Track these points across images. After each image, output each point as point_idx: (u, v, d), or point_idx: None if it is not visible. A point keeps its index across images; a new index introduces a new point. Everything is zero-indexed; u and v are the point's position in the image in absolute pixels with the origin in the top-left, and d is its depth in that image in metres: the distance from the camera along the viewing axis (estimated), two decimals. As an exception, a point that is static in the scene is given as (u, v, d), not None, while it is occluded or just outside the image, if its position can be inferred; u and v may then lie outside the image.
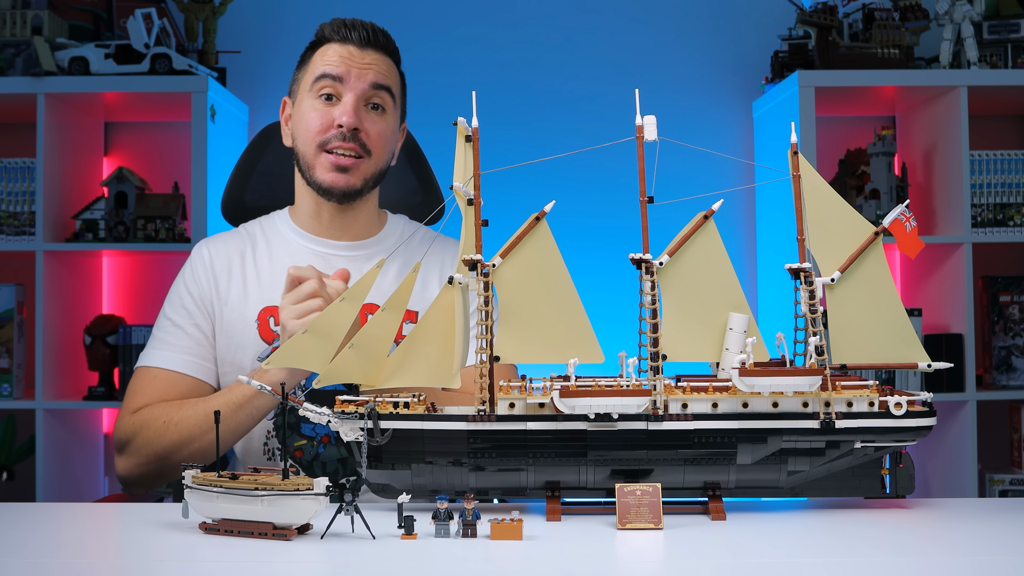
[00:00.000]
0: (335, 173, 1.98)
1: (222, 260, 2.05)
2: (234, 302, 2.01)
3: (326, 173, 1.98)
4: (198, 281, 2.03)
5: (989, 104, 3.18)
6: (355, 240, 2.07)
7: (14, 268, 3.15)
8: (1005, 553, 1.40)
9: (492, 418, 1.55)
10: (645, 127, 1.57)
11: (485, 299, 1.55)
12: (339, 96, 1.99)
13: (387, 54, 2.04)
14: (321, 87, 1.99)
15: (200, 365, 1.99)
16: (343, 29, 2.01)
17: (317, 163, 1.99)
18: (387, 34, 2.05)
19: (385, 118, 2.02)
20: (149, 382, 1.97)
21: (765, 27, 3.36)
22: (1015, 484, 3.07)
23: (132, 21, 2.96)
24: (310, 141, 1.99)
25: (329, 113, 1.98)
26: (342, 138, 1.97)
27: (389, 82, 2.02)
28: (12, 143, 3.21)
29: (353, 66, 1.98)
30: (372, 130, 2.00)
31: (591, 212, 3.30)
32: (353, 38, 2.00)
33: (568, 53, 3.41)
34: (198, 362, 1.99)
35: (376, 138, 2.00)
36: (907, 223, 1.62)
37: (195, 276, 2.04)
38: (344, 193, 1.99)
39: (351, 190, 2.00)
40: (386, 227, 2.12)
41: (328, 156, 1.98)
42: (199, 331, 2.00)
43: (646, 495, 1.49)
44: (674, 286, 1.58)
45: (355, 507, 1.41)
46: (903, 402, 1.57)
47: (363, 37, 2.01)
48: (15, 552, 1.41)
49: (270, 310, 1.99)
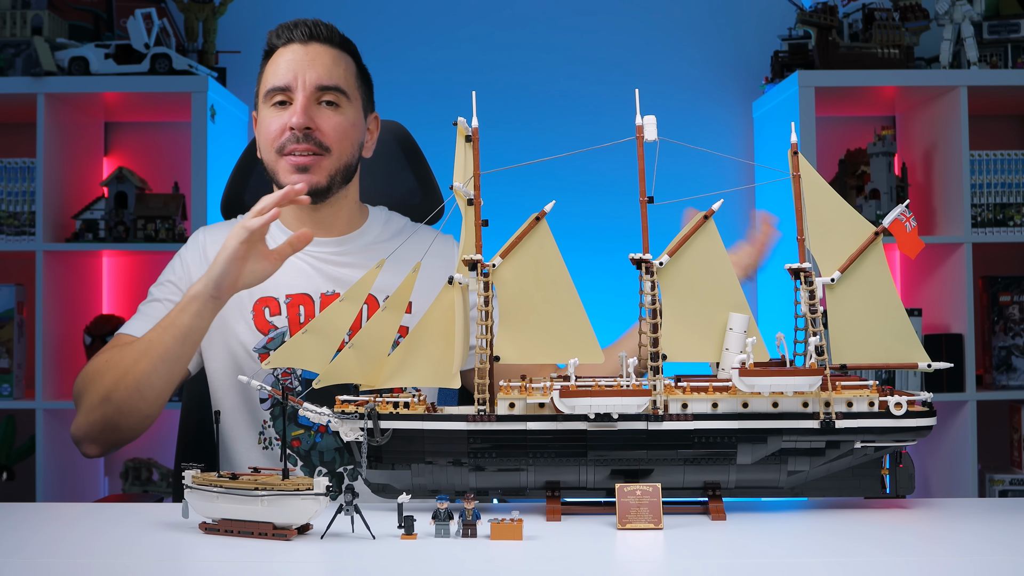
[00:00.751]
0: (297, 174, 1.97)
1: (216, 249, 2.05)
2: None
3: (288, 176, 1.98)
4: (186, 264, 2.05)
5: (989, 104, 3.18)
6: (340, 235, 2.08)
7: (14, 268, 3.15)
8: (1005, 553, 1.40)
9: (492, 418, 1.55)
10: (645, 127, 1.57)
11: (485, 299, 1.55)
12: (291, 101, 1.99)
13: (333, 46, 2.02)
14: (273, 97, 1.99)
15: None
16: (285, 31, 2.01)
17: (279, 168, 1.99)
18: (331, 26, 2.04)
19: (341, 112, 2.00)
20: (114, 343, 1.96)
21: (765, 27, 3.36)
22: (1015, 484, 3.07)
23: (132, 21, 2.96)
24: (269, 148, 2.00)
25: (281, 117, 1.98)
26: (296, 140, 1.96)
27: (336, 77, 2.00)
28: (12, 143, 3.21)
29: (299, 68, 1.98)
30: (326, 125, 1.98)
31: (591, 212, 3.30)
32: (296, 36, 2.00)
33: (568, 53, 3.41)
34: None
35: (332, 132, 1.98)
36: (907, 223, 1.62)
37: (185, 259, 2.06)
38: (312, 192, 1.98)
39: (318, 188, 1.99)
40: (368, 220, 2.13)
41: (287, 159, 1.98)
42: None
43: (646, 495, 1.49)
44: (674, 286, 1.58)
45: (355, 507, 1.41)
46: (903, 402, 1.57)
47: (305, 33, 2.00)
48: (15, 552, 1.41)
49: (265, 300, 2.00)
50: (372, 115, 2.12)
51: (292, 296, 2.00)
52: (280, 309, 2.00)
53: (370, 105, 2.11)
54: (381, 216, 2.15)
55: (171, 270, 2.06)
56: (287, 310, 2.00)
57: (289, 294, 2.00)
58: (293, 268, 2.02)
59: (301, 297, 2.00)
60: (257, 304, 2.00)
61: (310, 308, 1.99)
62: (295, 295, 2.00)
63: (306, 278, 2.02)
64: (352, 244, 2.08)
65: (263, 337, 1.98)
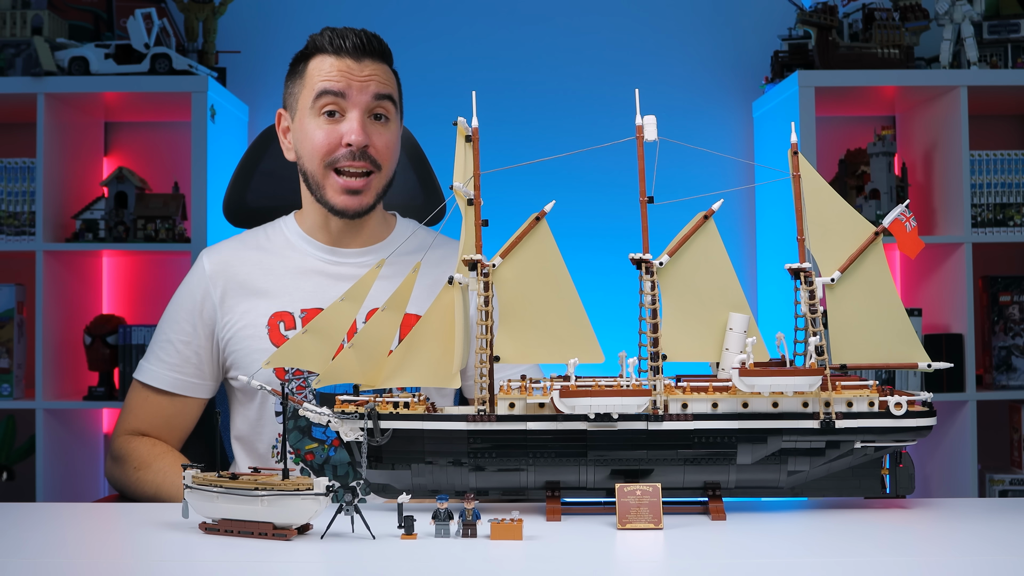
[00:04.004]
0: (347, 196, 1.98)
1: (223, 269, 2.05)
2: (241, 310, 2.01)
3: (337, 196, 1.98)
4: (193, 294, 2.05)
5: (989, 104, 3.18)
6: (364, 246, 2.07)
7: (14, 268, 3.15)
8: (1005, 553, 1.40)
9: (492, 418, 1.55)
10: (645, 127, 1.57)
11: (485, 299, 1.55)
12: (342, 112, 1.97)
13: (383, 60, 2.01)
14: (323, 104, 1.96)
15: (186, 383, 2.03)
16: (336, 39, 1.97)
17: (327, 184, 1.98)
18: (379, 38, 2.02)
19: (390, 127, 2.01)
20: (140, 402, 2.05)
21: (765, 27, 3.36)
22: (1015, 484, 3.07)
23: (132, 21, 2.96)
24: (317, 160, 1.98)
25: (335, 131, 1.96)
26: (352, 157, 1.95)
27: (390, 90, 2.00)
28: (12, 143, 3.21)
29: (353, 80, 1.96)
30: (380, 143, 1.98)
31: (591, 212, 3.30)
32: (348, 48, 1.96)
33: (568, 53, 3.41)
34: (185, 380, 2.03)
35: (384, 150, 1.99)
36: (907, 223, 1.62)
37: (192, 288, 2.06)
38: (357, 212, 2.00)
39: (363, 210, 2.00)
40: (395, 231, 2.12)
41: (338, 178, 1.97)
42: (189, 348, 2.03)
43: (646, 495, 1.49)
44: (674, 286, 1.58)
45: (355, 507, 1.41)
46: (903, 402, 1.57)
47: (358, 46, 1.97)
48: (15, 552, 1.41)
49: (280, 315, 2.00)
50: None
51: (307, 311, 2.00)
52: (295, 323, 2.00)
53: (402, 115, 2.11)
54: (408, 228, 2.13)
55: (178, 307, 2.06)
56: (302, 324, 1.99)
57: (304, 308, 2.00)
58: (310, 283, 2.02)
59: (316, 312, 1.99)
60: (272, 319, 2.00)
61: None
62: (310, 309, 2.00)
63: (322, 291, 2.01)
64: (376, 255, 2.06)
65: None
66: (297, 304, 2.00)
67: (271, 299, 2.01)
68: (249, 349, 1.99)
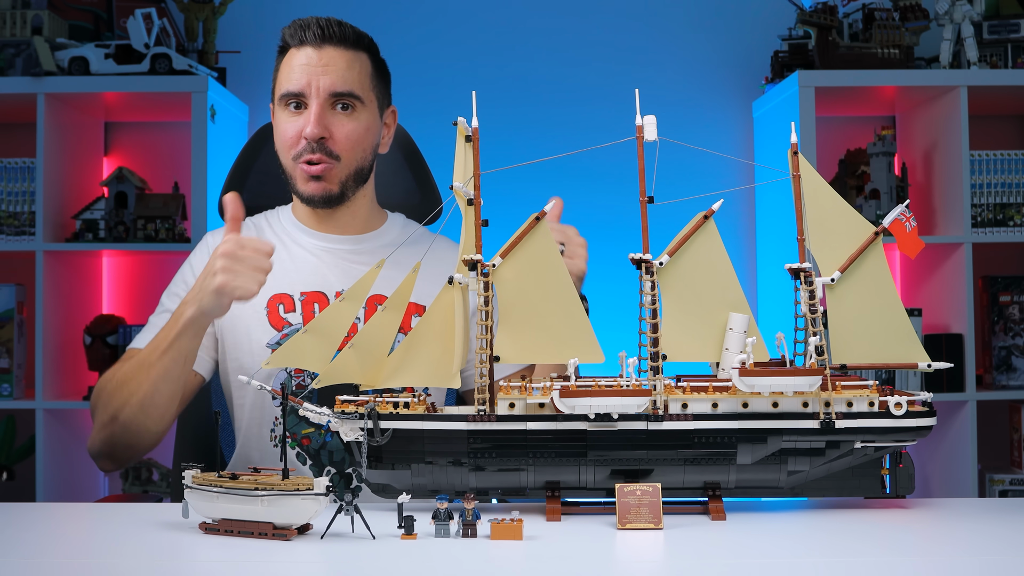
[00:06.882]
0: (311, 183, 2.00)
1: None
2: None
3: (304, 184, 2.00)
4: (195, 270, 2.04)
5: (989, 104, 3.18)
6: (357, 234, 2.09)
7: (14, 268, 3.15)
8: (1005, 553, 1.40)
9: (492, 418, 1.55)
10: (645, 127, 1.57)
11: (485, 299, 1.55)
12: (306, 106, 1.99)
13: (347, 46, 2.00)
14: (287, 101, 2.00)
15: None
16: (299, 31, 1.99)
17: (295, 175, 2.01)
18: (344, 24, 2.01)
19: (355, 116, 2.00)
20: (125, 358, 1.97)
21: (765, 27, 3.36)
22: (1015, 484, 3.07)
23: (132, 21, 2.96)
24: (286, 153, 2.02)
25: (297, 123, 1.99)
26: (310, 149, 1.97)
27: (350, 82, 1.99)
28: (12, 143, 3.21)
29: (312, 73, 1.97)
30: (339, 133, 1.98)
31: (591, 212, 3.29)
32: (308, 38, 1.98)
33: (568, 53, 3.41)
34: None
35: (344, 141, 1.99)
36: (907, 223, 1.62)
37: (195, 266, 2.06)
38: (324, 199, 2.01)
39: (330, 195, 2.01)
40: (387, 223, 2.14)
41: (302, 167, 1.99)
42: None
43: (646, 495, 1.49)
44: (674, 286, 1.58)
45: (355, 507, 1.41)
46: (903, 402, 1.57)
47: (318, 35, 1.97)
48: (15, 552, 1.41)
49: (280, 297, 2.00)
50: (389, 109, 2.11)
51: (307, 293, 2.01)
52: (295, 306, 2.00)
53: (387, 100, 2.10)
54: (399, 221, 2.16)
55: (181, 281, 2.06)
56: (302, 307, 2.00)
57: (304, 291, 2.01)
58: (308, 266, 2.03)
59: (316, 295, 2.01)
60: (271, 301, 2.01)
61: (324, 305, 2.00)
62: (310, 292, 2.01)
63: (321, 276, 2.03)
64: (369, 243, 2.08)
65: (277, 333, 1.99)
66: (296, 287, 2.02)
67: (271, 281, 2.01)
68: (247, 328, 1.99)
